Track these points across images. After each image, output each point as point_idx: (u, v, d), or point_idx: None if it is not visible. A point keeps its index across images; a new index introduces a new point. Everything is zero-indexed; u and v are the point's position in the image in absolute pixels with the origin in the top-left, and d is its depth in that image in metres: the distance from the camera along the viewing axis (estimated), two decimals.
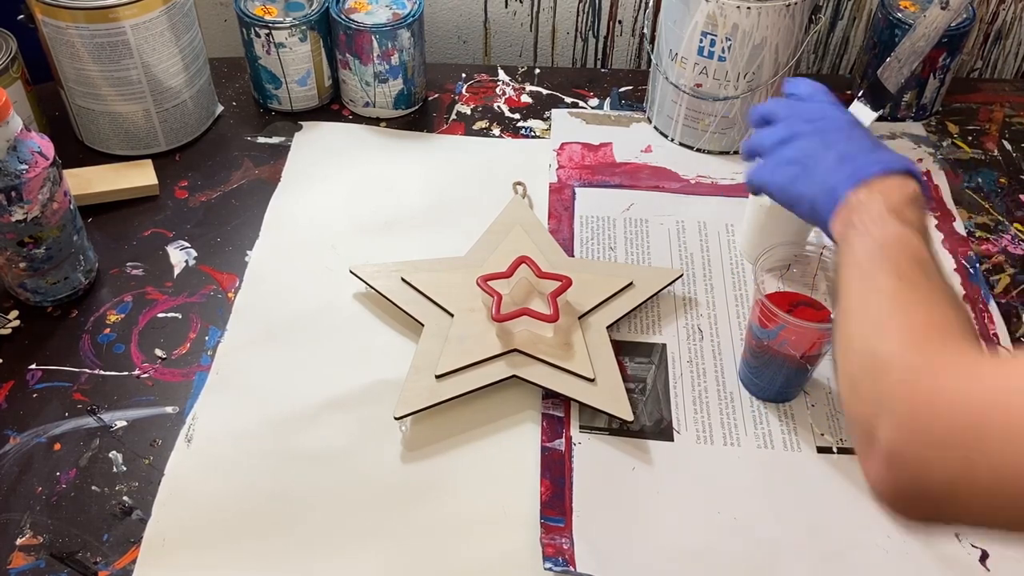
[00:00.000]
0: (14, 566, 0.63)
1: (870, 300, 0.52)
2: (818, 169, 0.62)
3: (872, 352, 0.49)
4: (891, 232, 0.55)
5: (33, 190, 0.72)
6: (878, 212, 0.57)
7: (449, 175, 0.94)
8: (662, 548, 0.65)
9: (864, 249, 0.55)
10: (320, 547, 0.65)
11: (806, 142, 0.64)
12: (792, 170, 0.64)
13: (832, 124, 0.65)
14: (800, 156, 0.64)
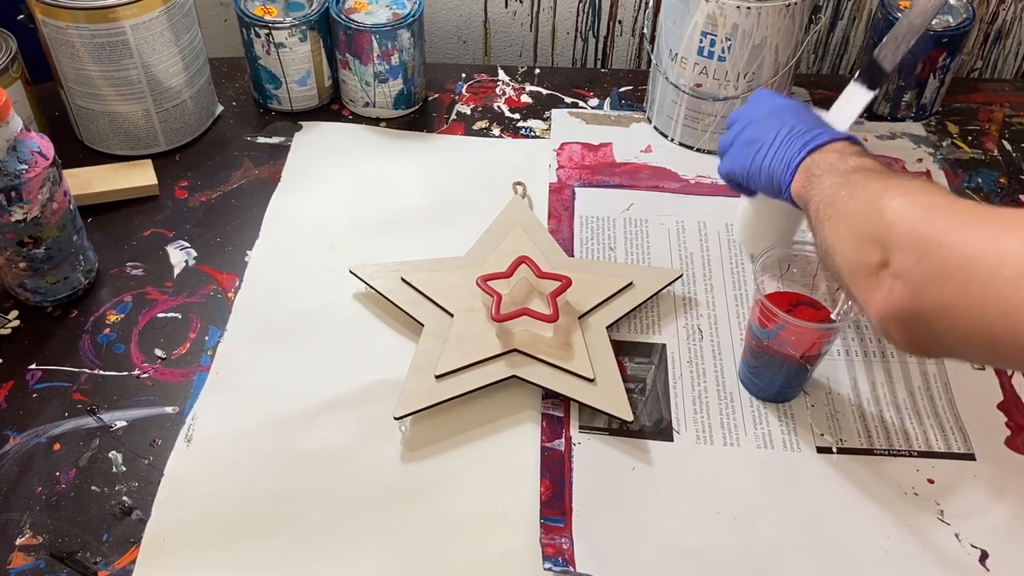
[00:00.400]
0: (14, 566, 0.63)
1: (858, 183, 0.58)
2: (773, 144, 0.68)
3: (873, 201, 0.54)
4: (854, 164, 0.61)
5: (33, 190, 0.72)
6: (837, 158, 0.63)
7: (449, 175, 0.94)
8: (662, 548, 0.65)
9: (834, 180, 0.61)
10: (320, 547, 0.65)
11: (760, 125, 0.71)
12: (750, 150, 0.71)
13: (782, 107, 0.71)
14: (756, 136, 0.71)
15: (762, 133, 0.70)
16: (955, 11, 0.98)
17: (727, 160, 0.75)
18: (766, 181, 0.69)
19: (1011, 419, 0.73)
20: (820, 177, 0.63)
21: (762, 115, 0.72)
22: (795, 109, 0.71)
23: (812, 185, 0.63)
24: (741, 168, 0.72)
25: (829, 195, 0.60)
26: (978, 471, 0.70)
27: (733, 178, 0.74)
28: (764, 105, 0.73)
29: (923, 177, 0.59)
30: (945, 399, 0.75)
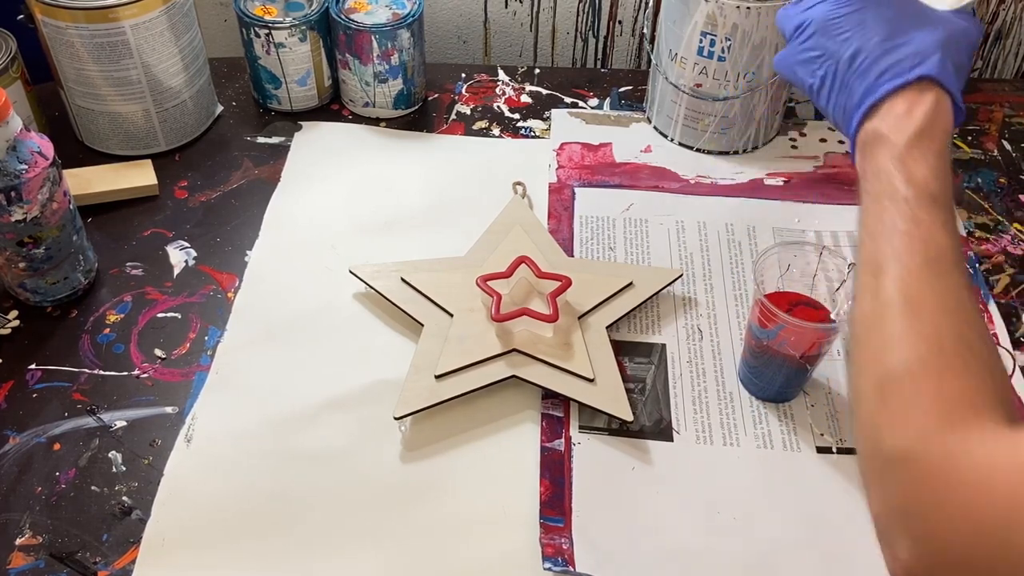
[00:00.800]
0: (14, 566, 0.63)
1: (883, 334, 0.46)
2: (835, 78, 0.55)
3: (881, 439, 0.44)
4: (895, 206, 0.49)
5: (33, 190, 0.72)
6: (883, 166, 0.50)
7: (449, 175, 0.94)
8: (662, 548, 0.65)
9: (872, 220, 0.50)
10: (320, 547, 0.65)
11: (823, 30, 0.55)
12: (809, 70, 0.57)
13: (845, 6, 0.55)
14: (816, 50, 0.56)
15: (824, 46, 0.55)
16: None
17: (785, 60, 0.59)
18: (835, 123, 0.57)
19: None
20: (866, 188, 0.51)
21: (833, 7, 0.55)
22: (876, 3, 0.54)
23: (861, 187, 0.51)
24: (801, 86, 0.58)
25: (866, 253, 0.49)
26: None
27: None
28: (813, 16, 0.56)
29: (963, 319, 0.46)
30: None
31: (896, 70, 0.52)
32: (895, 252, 0.48)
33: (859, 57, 0.53)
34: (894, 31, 0.53)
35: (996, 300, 0.82)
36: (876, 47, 0.53)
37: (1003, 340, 0.79)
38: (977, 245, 0.88)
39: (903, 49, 0.52)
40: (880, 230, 0.49)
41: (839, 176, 0.95)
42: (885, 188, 0.50)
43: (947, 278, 0.47)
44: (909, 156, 0.50)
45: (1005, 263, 0.86)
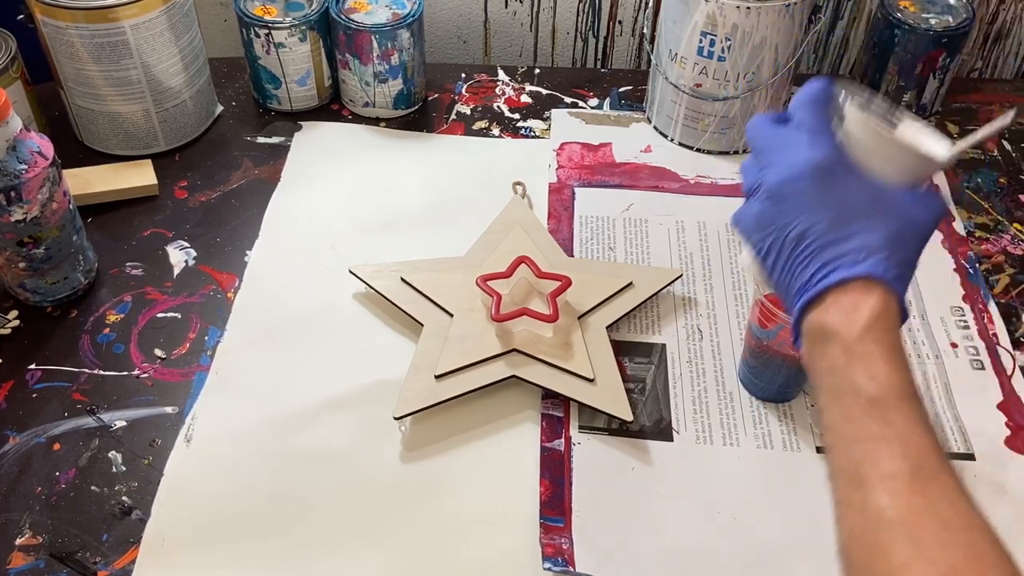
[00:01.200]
0: (13, 566, 0.63)
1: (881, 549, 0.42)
2: (782, 252, 0.51)
3: None
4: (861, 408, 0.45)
5: (32, 190, 0.72)
6: (837, 362, 0.46)
7: (449, 175, 0.94)
8: (661, 548, 0.65)
9: (837, 422, 0.46)
10: (320, 547, 0.65)
11: (777, 202, 0.51)
12: (761, 236, 0.52)
13: (812, 173, 0.50)
14: (769, 217, 0.51)
15: (772, 216, 0.51)
16: (955, 11, 0.98)
17: (740, 216, 0.54)
18: (776, 294, 0.54)
19: (1011, 419, 0.73)
20: (822, 379, 0.47)
21: (782, 183, 0.50)
22: (829, 181, 0.49)
23: (813, 380, 0.48)
24: (754, 245, 0.53)
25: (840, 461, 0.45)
26: (978, 471, 0.70)
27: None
28: (790, 162, 0.50)
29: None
30: (945, 399, 0.75)
31: (841, 262, 0.48)
32: (874, 461, 0.44)
33: (805, 241, 0.49)
34: (843, 216, 0.49)
35: (996, 300, 0.82)
36: (822, 234, 0.49)
37: (1003, 340, 0.79)
38: (977, 245, 0.88)
39: (850, 242, 0.48)
40: (851, 435, 0.45)
41: None
42: (844, 386, 0.46)
43: (937, 483, 0.43)
44: (864, 351, 0.46)
45: (1005, 263, 0.86)
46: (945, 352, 0.78)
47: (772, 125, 0.54)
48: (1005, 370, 0.77)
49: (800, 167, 0.50)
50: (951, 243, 0.88)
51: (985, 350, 0.78)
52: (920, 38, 0.96)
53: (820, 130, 0.51)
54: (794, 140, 0.51)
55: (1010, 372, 0.77)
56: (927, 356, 0.78)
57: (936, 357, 0.78)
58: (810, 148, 0.50)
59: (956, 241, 0.88)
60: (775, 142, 0.52)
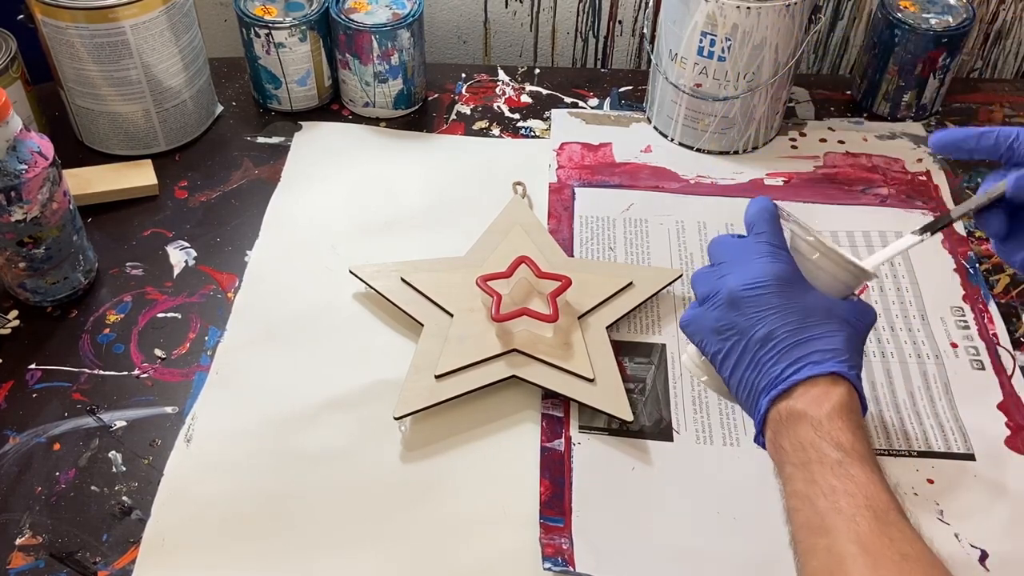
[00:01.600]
0: (13, 566, 0.63)
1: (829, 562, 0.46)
2: (741, 356, 0.55)
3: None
4: (840, 476, 0.49)
5: (33, 190, 0.72)
6: (811, 442, 0.51)
7: (449, 175, 0.94)
8: (661, 548, 0.65)
9: (811, 503, 0.49)
10: (320, 547, 0.65)
11: (725, 310, 0.56)
12: (718, 339, 0.57)
13: (754, 288, 0.55)
14: (726, 323, 0.56)
15: (733, 320, 0.56)
16: (955, 11, 0.98)
17: (693, 322, 0.59)
18: (741, 403, 0.58)
19: (1011, 419, 0.73)
20: (791, 461, 0.51)
21: (745, 287, 0.56)
22: (790, 290, 0.55)
23: (781, 464, 0.52)
24: (704, 351, 0.58)
25: (802, 520, 0.49)
26: (978, 471, 0.70)
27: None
28: (754, 270, 0.56)
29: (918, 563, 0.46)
30: (945, 399, 0.75)
31: (808, 360, 0.53)
32: (838, 509, 0.48)
33: (772, 341, 0.54)
34: (805, 321, 0.54)
35: (996, 300, 0.82)
36: (789, 335, 0.54)
37: (1003, 340, 0.79)
38: (977, 245, 0.88)
39: (815, 344, 0.54)
40: (815, 492, 0.49)
41: (839, 176, 0.95)
42: (812, 456, 0.51)
43: (896, 527, 0.47)
44: (832, 426, 0.51)
45: (1005, 263, 0.86)
46: (945, 352, 0.78)
47: (733, 238, 0.60)
48: (1005, 370, 0.77)
49: (765, 275, 0.56)
50: (951, 243, 0.88)
51: (985, 350, 0.78)
52: (920, 38, 0.96)
53: (780, 244, 0.58)
54: (756, 251, 0.57)
55: (1010, 372, 0.77)
56: (927, 356, 0.78)
57: (936, 357, 0.78)
58: (773, 259, 0.56)
59: (956, 241, 0.88)
60: (737, 252, 0.58)
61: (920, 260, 0.86)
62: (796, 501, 0.51)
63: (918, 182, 0.94)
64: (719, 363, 0.57)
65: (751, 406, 0.56)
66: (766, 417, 0.54)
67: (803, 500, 0.50)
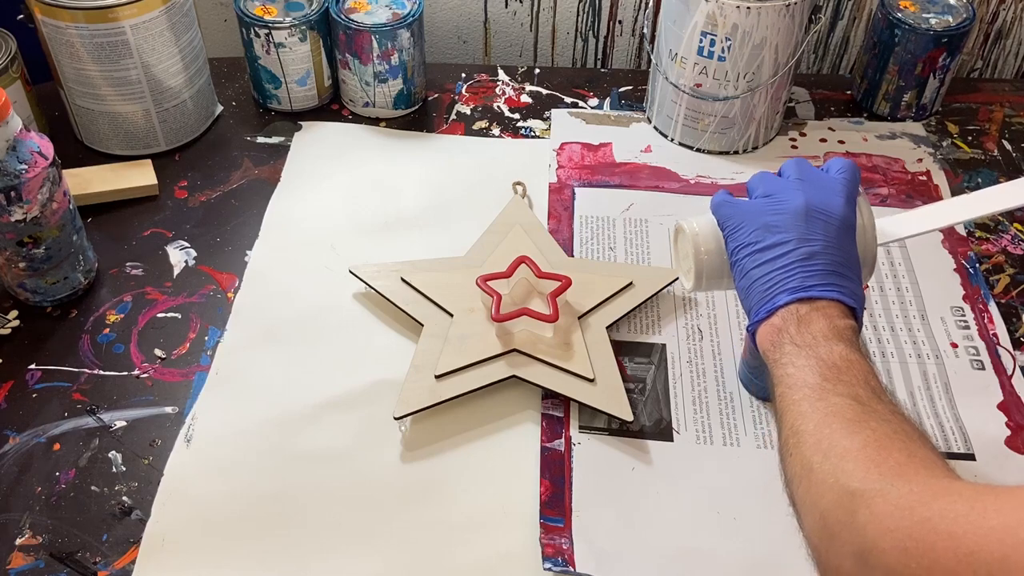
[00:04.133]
0: (13, 566, 0.63)
1: (832, 426, 0.49)
2: (779, 256, 0.58)
3: (845, 488, 0.45)
4: (840, 353, 0.53)
5: (32, 190, 0.72)
6: (821, 331, 0.54)
7: (449, 175, 0.94)
8: (662, 548, 0.65)
9: (811, 368, 0.53)
10: (320, 547, 0.65)
11: (792, 216, 0.59)
12: (760, 235, 0.59)
13: (825, 215, 0.59)
14: (782, 225, 0.59)
15: (797, 229, 0.58)
16: (955, 11, 0.98)
17: (739, 209, 0.62)
18: (742, 291, 0.60)
19: (1011, 419, 0.73)
20: (799, 347, 0.54)
21: (819, 211, 0.59)
22: (849, 235, 0.59)
23: (784, 351, 0.55)
24: (743, 234, 0.60)
25: (793, 416, 0.52)
26: (978, 471, 0.70)
27: (720, 222, 0.63)
28: (832, 202, 0.60)
29: (903, 426, 0.49)
30: (945, 399, 0.75)
31: (842, 289, 0.57)
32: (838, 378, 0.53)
33: (815, 260, 0.57)
34: (847, 263, 0.59)
35: (996, 300, 0.82)
36: (831, 264, 0.58)
37: (1003, 340, 0.79)
38: (977, 245, 0.88)
39: (848, 282, 0.58)
40: (815, 364, 0.53)
41: None
42: (820, 341, 0.54)
43: (891, 404, 0.51)
44: (846, 334, 0.55)
45: (1005, 263, 0.86)
46: (945, 352, 0.78)
47: (812, 166, 0.64)
48: (1005, 370, 0.77)
49: (838, 211, 0.60)
50: (951, 243, 0.88)
51: (985, 350, 0.78)
52: (920, 38, 0.96)
53: (854, 199, 0.62)
54: (836, 188, 0.61)
55: (1010, 372, 0.77)
56: (927, 356, 0.78)
57: (936, 357, 0.78)
58: (847, 203, 0.60)
59: (956, 241, 0.88)
60: (817, 178, 0.62)
61: (920, 260, 0.86)
62: (792, 369, 0.54)
63: (918, 182, 0.94)
64: (748, 251, 0.59)
65: (762, 296, 0.58)
66: (777, 309, 0.57)
67: (800, 369, 0.53)
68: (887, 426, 0.48)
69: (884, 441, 0.47)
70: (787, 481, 0.52)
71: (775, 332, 0.56)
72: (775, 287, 0.57)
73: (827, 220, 0.59)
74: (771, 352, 0.56)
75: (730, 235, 0.62)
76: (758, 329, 0.58)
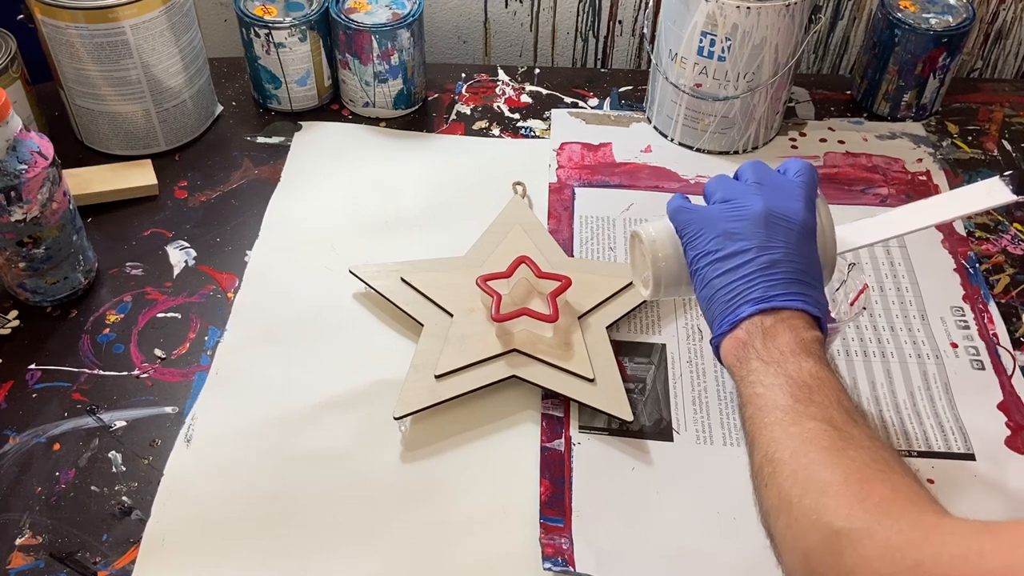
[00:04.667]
0: (13, 566, 0.63)
1: (809, 456, 0.47)
2: (740, 265, 0.56)
3: (830, 527, 0.44)
4: (809, 371, 0.51)
5: (32, 190, 0.72)
6: (788, 346, 0.53)
7: (449, 175, 0.94)
8: (661, 548, 0.65)
9: (781, 388, 0.51)
10: (320, 547, 0.65)
11: (750, 223, 0.57)
12: (720, 243, 0.58)
13: (785, 221, 0.57)
14: (741, 232, 0.57)
15: (755, 236, 0.57)
16: (955, 11, 0.98)
17: (698, 216, 0.60)
18: (704, 303, 0.59)
19: (1011, 419, 0.73)
20: (766, 363, 0.53)
21: (778, 215, 0.57)
22: (809, 240, 0.58)
23: (750, 366, 0.53)
24: (701, 243, 0.59)
25: (767, 443, 0.50)
26: (978, 471, 0.70)
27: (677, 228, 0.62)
28: (792, 207, 0.58)
29: (882, 454, 0.48)
30: (945, 399, 0.75)
31: (806, 299, 0.56)
32: (810, 399, 0.51)
33: (777, 268, 0.56)
34: (809, 270, 0.57)
35: (996, 300, 0.82)
36: (793, 272, 0.56)
37: (1003, 340, 0.79)
38: (977, 245, 0.88)
39: (812, 290, 0.57)
40: (783, 382, 0.52)
41: (839, 176, 0.95)
42: (788, 358, 0.53)
43: (862, 427, 0.50)
44: (813, 347, 0.54)
45: (1005, 263, 0.86)
46: (945, 352, 0.78)
47: (770, 168, 0.62)
48: (1005, 370, 0.77)
49: (798, 216, 0.58)
50: (951, 243, 0.88)
51: (985, 350, 0.78)
52: (920, 38, 0.96)
53: (813, 203, 0.60)
54: (795, 192, 0.60)
55: (1010, 372, 0.77)
56: (927, 356, 0.78)
57: (936, 357, 0.78)
58: (807, 207, 0.59)
59: (956, 241, 0.88)
60: (775, 181, 0.60)
61: (920, 260, 0.86)
62: (761, 388, 0.52)
63: (918, 182, 0.94)
64: (708, 260, 0.58)
65: (725, 307, 0.56)
66: (740, 321, 0.55)
67: (769, 388, 0.52)
68: (865, 454, 0.47)
69: (866, 472, 0.45)
70: (763, 513, 0.50)
71: (740, 347, 0.55)
72: (737, 298, 0.56)
73: (787, 226, 0.57)
74: (737, 368, 0.55)
75: (689, 242, 0.60)
76: (722, 342, 0.57)
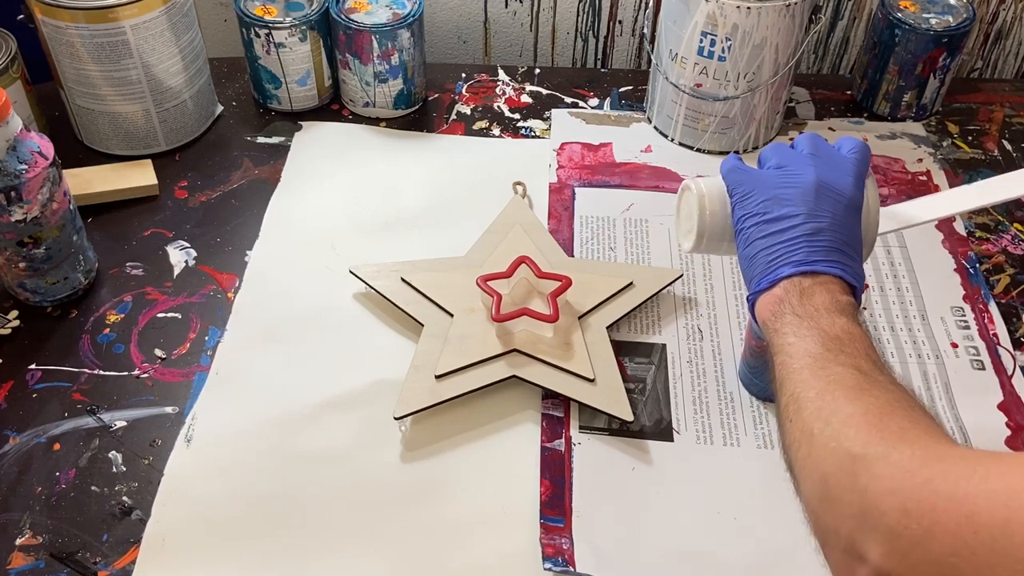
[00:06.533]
0: (14, 566, 0.63)
1: (835, 394, 0.49)
2: (785, 229, 0.58)
3: (848, 452, 0.45)
4: (841, 326, 0.53)
5: (33, 190, 0.72)
6: (824, 304, 0.55)
7: (449, 175, 0.94)
8: (662, 548, 0.65)
9: (812, 338, 0.53)
10: (320, 547, 0.65)
11: (802, 191, 0.59)
12: (768, 205, 0.59)
13: (834, 193, 0.59)
14: (791, 198, 0.59)
15: (805, 204, 0.58)
16: (955, 11, 0.98)
17: (751, 176, 0.62)
18: (745, 259, 0.60)
19: (1011, 419, 0.73)
20: (801, 317, 0.54)
21: (829, 188, 0.59)
22: (855, 217, 0.59)
23: (784, 320, 0.55)
24: (752, 203, 0.60)
25: (794, 384, 0.51)
26: None
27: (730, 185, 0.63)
28: (842, 182, 0.59)
29: (905, 396, 0.49)
30: (945, 399, 0.75)
31: (845, 267, 0.57)
32: (840, 349, 0.52)
33: (821, 236, 0.57)
34: (851, 242, 0.59)
35: (996, 300, 0.82)
36: (836, 242, 0.58)
37: (1003, 340, 0.79)
38: (977, 245, 0.88)
39: (852, 261, 0.58)
40: (818, 335, 0.53)
41: None
42: (822, 312, 0.55)
43: (889, 375, 0.51)
44: (847, 308, 0.55)
45: (1005, 263, 0.86)
46: (945, 352, 0.78)
47: (827, 143, 0.63)
48: (1005, 370, 0.77)
49: (848, 192, 0.60)
50: (951, 243, 0.88)
51: (985, 350, 0.78)
52: (920, 38, 0.96)
53: (863, 180, 0.62)
54: (848, 168, 0.61)
55: (1010, 372, 0.77)
56: (927, 356, 0.78)
57: (936, 357, 0.78)
58: (856, 185, 0.60)
59: (956, 241, 0.88)
60: (830, 155, 0.62)
61: (920, 260, 0.86)
62: (793, 339, 0.54)
63: (918, 182, 0.94)
64: (754, 220, 0.60)
65: (766, 267, 0.58)
66: (779, 280, 0.57)
67: (801, 339, 0.53)
68: (889, 395, 0.48)
69: (887, 408, 0.47)
70: (785, 447, 0.51)
71: (776, 302, 0.56)
72: (779, 259, 0.57)
73: (836, 198, 0.59)
74: (771, 321, 0.56)
75: (738, 202, 0.61)
76: (758, 299, 0.58)
